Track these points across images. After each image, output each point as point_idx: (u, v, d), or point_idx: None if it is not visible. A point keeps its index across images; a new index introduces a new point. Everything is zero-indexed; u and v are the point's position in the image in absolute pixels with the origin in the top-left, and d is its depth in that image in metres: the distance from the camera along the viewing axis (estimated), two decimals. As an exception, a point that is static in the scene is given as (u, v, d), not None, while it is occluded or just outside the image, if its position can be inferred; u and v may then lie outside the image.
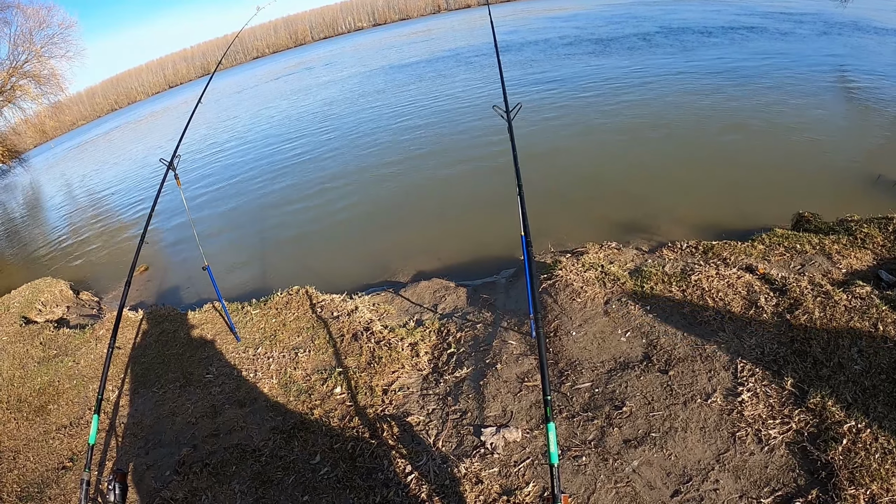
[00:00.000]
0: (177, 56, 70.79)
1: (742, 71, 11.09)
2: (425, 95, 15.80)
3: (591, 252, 4.97)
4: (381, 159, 10.81)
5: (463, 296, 4.97)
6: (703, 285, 3.88)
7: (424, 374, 3.88)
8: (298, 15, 70.63)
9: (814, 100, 8.64)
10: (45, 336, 5.48)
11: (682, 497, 2.50)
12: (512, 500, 2.68)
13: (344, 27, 66.87)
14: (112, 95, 64.15)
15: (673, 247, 4.83)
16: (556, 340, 3.76)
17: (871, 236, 4.25)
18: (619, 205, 6.51)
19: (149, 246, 9.06)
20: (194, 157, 15.96)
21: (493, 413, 3.31)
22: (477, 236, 6.58)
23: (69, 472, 3.57)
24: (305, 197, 9.88)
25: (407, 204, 8.35)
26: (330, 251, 7.50)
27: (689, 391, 3.06)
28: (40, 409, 4.31)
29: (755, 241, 4.57)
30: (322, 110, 18.02)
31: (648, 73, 12.39)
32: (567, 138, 9.36)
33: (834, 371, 2.90)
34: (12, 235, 14.66)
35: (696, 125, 8.54)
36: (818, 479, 2.42)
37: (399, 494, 2.86)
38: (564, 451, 2.90)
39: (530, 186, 3.02)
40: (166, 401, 4.06)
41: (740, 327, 3.42)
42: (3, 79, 19.51)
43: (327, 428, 3.46)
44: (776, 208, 5.43)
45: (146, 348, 4.85)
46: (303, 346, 4.42)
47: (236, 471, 3.26)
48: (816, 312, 3.35)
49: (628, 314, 3.83)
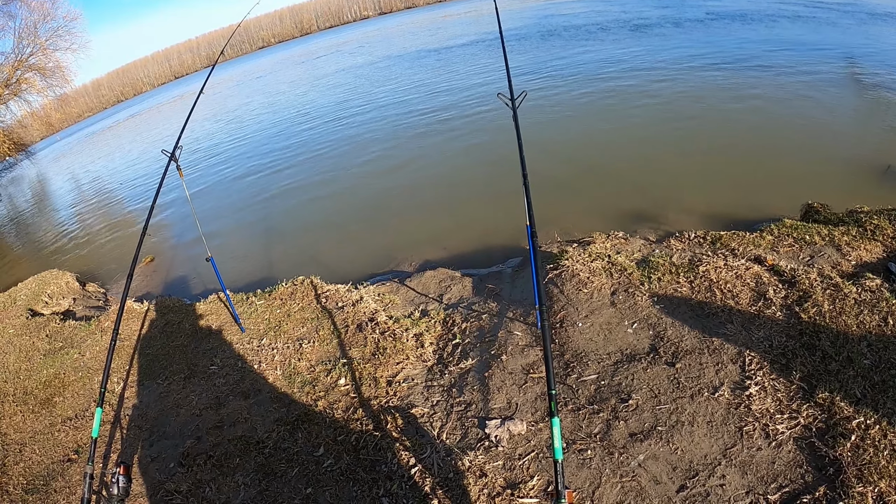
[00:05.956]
0: (182, 47, 70.71)
1: (754, 59, 10.90)
2: (431, 84, 15.69)
3: (598, 242, 4.92)
4: (386, 149, 10.76)
5: (468, 286, 4.94)
6: (711, 276, 3.84)
7: (429, 365, 3.87)
8: (304, 4, 70.30)
9: (822, 89, 8.50)
10: (51, 328, 5.50)
11: (688, 492, 2.47)
12: (516, 493, 2.66)
13: (350, 16, 66.45)
14: (118, 87, 64.23)
15: (680, 237, 4.77)
16: (561, 331, 3.73)
17: (881, 228, 4.18)
18: (627, 194, 6.45)
19: (154, 237, 9.09)
20: (199, 147, 15.96)
21: (498, 405, 3.29)
22: (483, 226, 6.54)
23: (74, 464, 3.58)
24: (310, 187, 9.87)
25: (413, 193, 8.31)
26: (335, 241, 7.48)
27: (697, 384, 3.02)
28: (46, 401, 4.33)
29: (764, 232, 4.50)
30: (328, 99, 17.95)
31: (660, 61, 12.21)
32: (574, 126, 9.29)
33: (843, 365, 2.85)
34: (19, 228, 14.75)
35: (706, 114, 8.42)
36: (826, 475, 2.38)
37: (402, 487, 2.85)
38: (569, 444, 2.88)
39: (537, 175, 2.98)
40: (171, 392, 4.07)
41: (748, 319, 3.38)
42: (8, 72, 19.57)
43: (331, 419, 3.45)
44: (785, 198, 5.35)
45: (151, 339, 4.85)
46: (307, 336, 4.41)
47: (240, 463, 3.26)
48: (826, 305, 3.30)
49: (635, 305, 3.79)
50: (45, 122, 25.52)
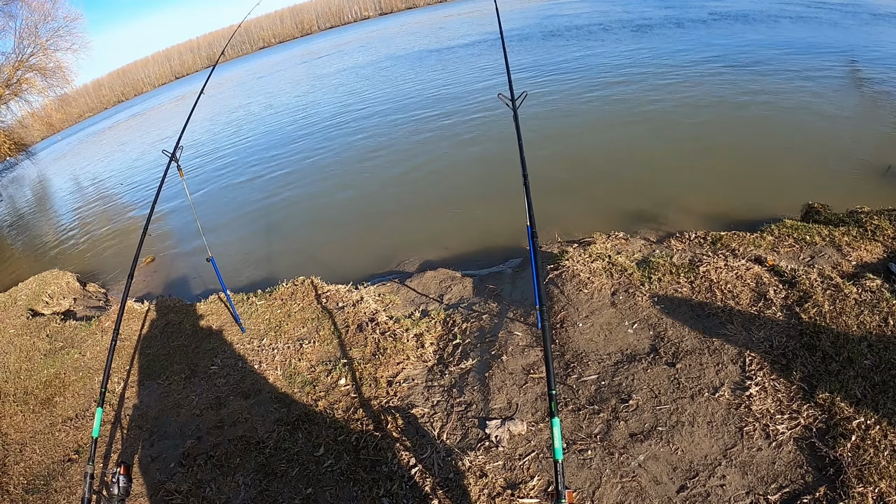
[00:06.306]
0: (183, 47, 70.82)
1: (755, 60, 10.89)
2: (432, 84, 15.68)
3: (599, 242, 4.92)
4: (387, 149, 10.76)
5: (469, 286, 4.94)
6: (712, 277, 3.84)
7: (429, 365, 3.87)
8: (304, 5, 70.34)
9: (824, 90, 8.49)
10: (52, 328, 5.50)
11: (688, 492, 2.47)
12: (516, 494, 2.66)
13: (350, 16, 66.46)
14: (119, 87, 64.34)
15: (681, 237, 4.77)
16: (562, 332, 3.73)
17: (882, 228, 4.18)
18: (627, 194, 6.45)
19: (155, 237, 9.10)
20: (200, 147, 15.97)
21: (499, 405, 3.29)
22: (483, 226, 6.54)
23: (75, 464, 3.58)
24: (310, 187, 9.87)
25: (413, 193, 8.31)
26: (336, 241, 7.47)
27: (697, 385, 3.02)
28: (46, 401, 4.33)
29: (764, 232, 4.50)
30: (329, 100, 17.96)
31: (661, 61, 12.19)
32: (575, 127, 9.27)
33: (843, 366, 2.85)
34: (20, 228, 14.76)
35: (706, 114, 8.41)
36: (826, 476, 2.38)
37: (403, 487, 2.85)
38: (570, 444, 2.88)
39: (537, 175, 2.97)
40: (171, 392, 4.07)
41: (749, 320, 3.38)
42: (9, 72, 19.61)
43: (331, 420, 3.45)
44: (785, 199, 5.35)
45: (151, 340, 4.86)
46: (308, 337, 4.41)
47: (241, 463, 3.26)
48: (826, 306, 3.30)
49: (635, 305, 3.79)
50: (45, 122, 25.54)
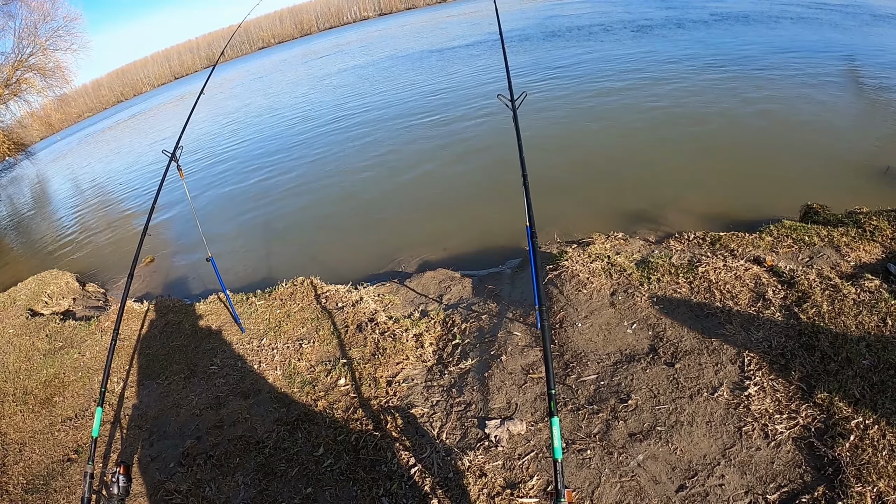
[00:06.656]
0: (182, 47, 70.82)
1: (755, 60, 10.89)
2: (432, 85, 15.71)
3: (598, 242, 4.92)
4: (386, 149, 10.76)
5: (468, 286, 4.95)
6: (711, 277, 3.84)
7: (429, 365, 3.87)
8: (304, 5, 70.36)
9: (823, 90, 8.50)
10: (51, 328, 5.50)
11: (687, 492, 2.47)
12: (516, 493, 2.67)
13: (349, 17, 66.46)
14: (118, 87, 64.29)
15: (680, 238, 4.78)
16: (561, 332, 3.73)
17: (880, 229, 4.19)
18: (626, 195, 6.45)
19: (154, 237, 9.09)
20: (200, 147, 15.96)
21: (498, 405, 3.29)
22: (483, 226, 6.54)
23: (74, 464, 3.58)
24: (310, 187, 9.87)
25: (412, 194, 8.32)
26: (335, 241, 7.48)
27: (696, 385, 3.03)
28: (46, 401, 4.33)
29: (763, 233, 4.51)
30: (329, 100, 17.96)
31: (662, 62, 12.20)
32: (574, 127, 9.29)
33: (842, 366, 2.86)
34: (19, 228, 14.76)
35: (706, 115, 8.42)
36: (825, 475, 2.39)
37: (402, 487, 2.85)
38: (569, 444, 2.88)
39: (537, 176, 2.98)
40: (171, 392, 4.07)
41: (747, 320, 3.39)
42: (8, 72, 19.60)
43: (331, 419, 3.45)
44: (784, 199, 5.36)
45: (151, 340, 4.86)
46: (307, 337, 4.41)
47: (240, 462, 3.27)
48: (825, 306, 3.31)
49: (634, 306, 3.80)
50: (44, 122, 25.51)
